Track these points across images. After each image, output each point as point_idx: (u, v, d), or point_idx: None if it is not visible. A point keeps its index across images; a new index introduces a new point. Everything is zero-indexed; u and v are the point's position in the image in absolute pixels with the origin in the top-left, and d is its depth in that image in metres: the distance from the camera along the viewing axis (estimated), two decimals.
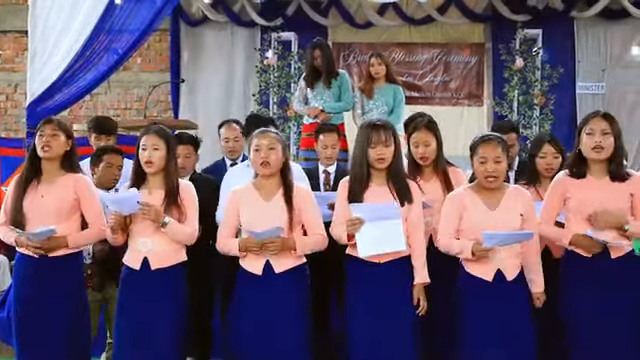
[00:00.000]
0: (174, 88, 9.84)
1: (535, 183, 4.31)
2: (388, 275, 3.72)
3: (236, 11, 9.71)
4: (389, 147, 3.74)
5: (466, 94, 9.68)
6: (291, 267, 3.77)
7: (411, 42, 9.75)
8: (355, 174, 3.81)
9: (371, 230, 3.66)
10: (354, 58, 9.75)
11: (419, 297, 3.75)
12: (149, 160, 3.81)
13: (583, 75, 9.40)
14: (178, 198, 3.84)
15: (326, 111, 6.32)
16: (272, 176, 3.83)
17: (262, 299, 3.72)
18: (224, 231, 3.89)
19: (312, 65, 6.42)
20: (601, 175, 3.74)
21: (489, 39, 9.63)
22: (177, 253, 3.88)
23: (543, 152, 4.34)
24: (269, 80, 9.16)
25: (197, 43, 9.96)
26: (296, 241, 3.76)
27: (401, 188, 3.76)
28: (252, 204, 3.80)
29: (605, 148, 3.67)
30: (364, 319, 3.69)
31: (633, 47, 9.34)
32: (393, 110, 6.30)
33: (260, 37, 9.63)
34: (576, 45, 9.43)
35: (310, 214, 3.84)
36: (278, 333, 3.68)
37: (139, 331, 3.76)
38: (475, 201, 3.71)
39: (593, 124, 3.71)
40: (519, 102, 8.87)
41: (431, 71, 9.72)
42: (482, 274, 3.67)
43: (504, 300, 3.62)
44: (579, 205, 3.75)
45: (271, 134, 3.87)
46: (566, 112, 9.24)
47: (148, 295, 3.79)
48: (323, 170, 4.94)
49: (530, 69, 8.89)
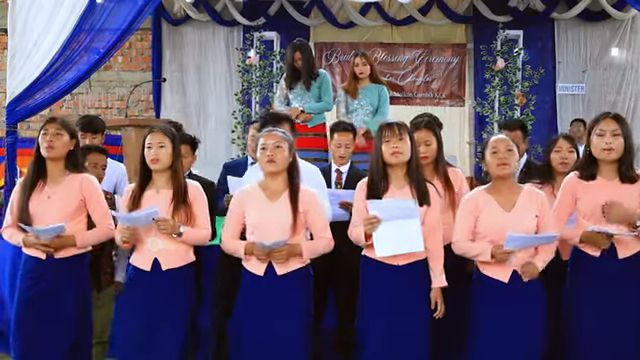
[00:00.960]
0: (156, 87, 9.81)
1: (549, 181, 4.31)
2: (405, 277, 3.69)
3: (218, 10, 9.69)
4: (403, 140, 3.70)
5: (448, 94, 9.72)
6: (294, 269, 3.73)
7: (393, 42, 9.78)
8: (373, 175, 3.77)
9: (388, 229, 3.62)
10: (336, 58, 9.76)
11: (437, 301, 3.73)
12: (155, 157, 3.78)
13: (563, 76, 9.49)
14: (187, 198, 3.81)
15: (306, 111, 6.31)
16: (278, 176, 3.78)
17: (263, 300, 3.68)
18: (229, 231, 3.85)
19: (292, 66, 6.40)
20: (611, 177, 3.74)
21: (471, 40, 9.69)
22: (187, 253, 3.85)
23: (558, 147, 4.34)
24: (251, 80, 9.16)
25: (179, 42, 9.94)
26: (302, 247, 3.72)
27: (420, 190, 3.72)
28: (257, 204, 3.76)
29: (615, 149, 3.67)
30: (381, 321, 3.66)
31: (612, 48, 9.43)
32: (378, 110, 6.30)
33: (242, 36, 9.63)
34: (556, 46, 9.52)
35: (316, 217, 3.79)
36: (278, 335, 3.64)
37: (148, 333, 3.71)
38: (490, 202, 3.70)
39: (604, 125, 3.71)
40: (500, 102, 8.94)
41: (413, 71, 9.75)
42: (498, 275, 3.66)
43: (519, 301, 3.61)
44: (589, 207, 3.75)
45: (278, 133, 3.83)
46: (547, 113, 9.33)
47: (160, 296, 3.75)
48: (336, 169, 4.90)
49: (511, 70, 8.95)
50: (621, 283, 3.68)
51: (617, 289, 3.67)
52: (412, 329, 3.65)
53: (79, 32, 6.67)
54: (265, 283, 3.70)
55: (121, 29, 6.75)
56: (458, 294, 3.81)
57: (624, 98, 9.34)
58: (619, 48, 9.41)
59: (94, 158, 4.55)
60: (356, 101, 6.33)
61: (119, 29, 6.75)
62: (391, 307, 3.66)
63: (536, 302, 3.65)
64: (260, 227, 3.71)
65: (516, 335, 3.58)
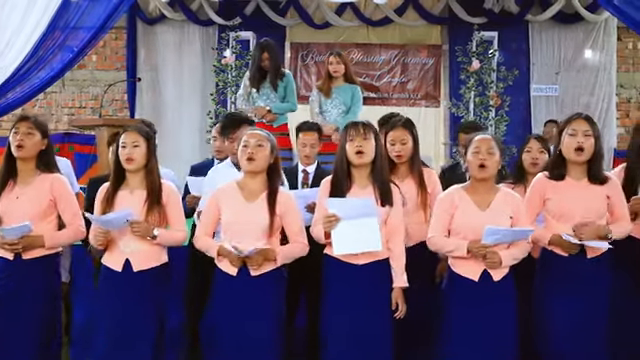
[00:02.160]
0: (130, 87, 9.74)
1: (522, 182, 4.33)
2: (366, 277, 3.69)
3: (193, 10, 9.64)
4: (368, 140, 3.70)
5: (423, 95, 9.75)
6: (267, 271, 3.71)
7: (369, 43, 9.80)
8: (337, 173, 3.78)
9: (347, 228, 3.62)
10: (312, 58, 9.75)
11: (397, 301, 3.73)
12: (129, 157, 3.74)
13: (537, 77, 9.57)
14: (161, 199, 3.78)
15: (273, 111, 6.30)
16: (257, 177, 3.76)
17: (236, 300, 3.67)
18: (203, 229, 3.82)
19: (259, 66, 6.38)
20: (580, 177, 3.78)
21: (446, 41, 9.73)
22: (160, 254, 3.82)
23: (529, 147, 4.39)
24: (227, 79, 9.13)
25: (154, 42, 9.86)
26: (277, 253, 3.70)
27: (383, 190, 3.73)
28: (233, 204, 3.73)
29: (586, 149, 3.71)
30: (341, 320, 3.66)
31: (586, 50, 9.52)
32: (350, 109, 6.31)
33: (218, 36, 9.59)
34: (531, 48, 9.59)
35: (293, 220, 3.77)
36: (250, 336, 3.63)
37: (120, 333, 3.69)
38: (466, 201, 3.71)
39: (575, 125, 3.75)
40: (475, 103, 9.00)
41: (389, 72, 9.77)
42: (469, 274, 3.67)
43: (490, 301, 3.63)
44: (558, 207, 3.78)
45: (262, 133, 3.82)
46: (521, 114, 9.40)
47: (130, 297, 3.72)
48: (302, 169, 4.90)
49: (486, 71, 9.01)
50: (590, 282, 3.72)
51: (586, 288, 3.71)
52: (373, 328, 3.66)
53: (53, 30, 6.62)
54: (238, 283, 3.68)
55: (95, 27, 6.71)
56: (426, 293, 3.83)
57: (597, 100, 9.43)
58: (592, 50, 9.50)
59: None
60: (329, 100, 6.35)
61: (93, 27, 6.71)
62: (352, 306, 3.66)
63: (507, 301, 3.67)
64: (235, 227, 3.70)
65: (488, 334, 3.60)
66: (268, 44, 6.46)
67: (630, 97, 9.76)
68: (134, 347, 3.68)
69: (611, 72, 9.48)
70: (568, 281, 3.72)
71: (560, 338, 3.68)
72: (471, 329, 3.61)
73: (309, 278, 4.32)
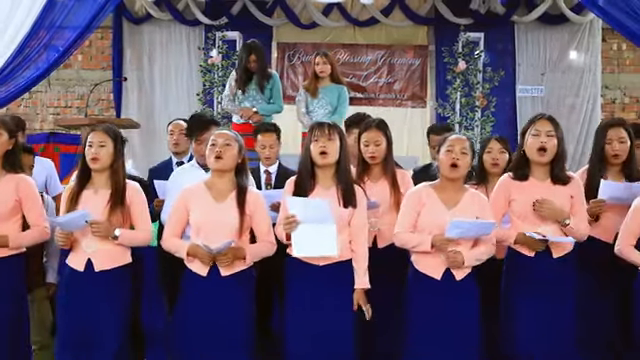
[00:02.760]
0: (116, 86, 9.70)
1: (484, 183, 4.38)
2: (328, 277, 3.69)
3: (180, 9, 9.62)
4: (332, 141, 3.71)
5: (409, 95, 9.77)
6: (237, 271, 3.72)
7: (355, 43, 9.81)
8: (301, 173, 3.79)
9: (306, 231, 3.63)
10: (299, 58, 9.75)
11: (359, 302, 3.74)
12: (95, 157, 3.73)
13: (523, 78, 9.61)
14: (125, 199, 3.77)
15: (259, 113, 6.30)
16: (225, 176, 3.76)
17: (206, 301, 3.67)
18: (171, 230, 3.81)
19: (246, 68, 6.38)
20: (543, 177, 3.82)
21: (432, 42, 9.75)
22: (122, 255, 3.81)
23: (489, 147, 4.42)
24: (213, 79, 9.11)
25: (140, 41, 9.83)
26: (246, 251, 3.71)
27: (347, 191, 3.74)
28: (202, 204, 3.73)
29: (549, 150, 3.74)
30: (302, 320, 3.67)
31: (571, 51, 9.57)
32: (336, 110, 6.32)
33: (204, 36, 9.56)
34: (516, 49, 9.63)
35: (261, 219, 3.79)
36: (221, 336, 3.64)
37: (83, 333, 3.68)
38: (433, 198, 3.73)
39: (539, 126, 3.79)
40: (461, 104, 9.03)
41: (375, 72, 9.79)
42: (431, 272, 3.69)
43: (452, 299, 3.65)
44: (522, 207, 3.81)
45: (229, 133, 3.83)
46: (507, 114, 9.43)
47: (92, 297, 3.71)
48: (264, 170, 4.92)
49: (472, 72, 9.04)
50: (556, 283, 3.76)
51: (552, 288, 3.74)
52: (335, 329, 3.65)
53: (38, 30, 6.59)
54: (208, 284, 3.69)
55: (81, 27, 6.69)
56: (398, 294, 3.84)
57: (582, 101, 9.48)
58: (577, 51, 9.55)
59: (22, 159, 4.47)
60: (316, 100, 6.36)
61: (79, 27, 6.68)
62: (313, 306, 3.67)
63: (469, 300, 3.70)
64: (205, 228, 3.69)
65: (450, 332, 3.62)
66: (255, 46, 6.46)
67: (615, 98, 9.83)
68: (98, 347, 3.67)
69: (596, 73, 9.53)
70: (534, 282, 3.75)
71: (527, 339, 3.71)
72: (433, 327, 3.63)
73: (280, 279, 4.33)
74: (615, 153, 4.14)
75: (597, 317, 4.05)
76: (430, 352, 3.62)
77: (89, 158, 3.75)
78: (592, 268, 4.03)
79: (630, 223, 3.83)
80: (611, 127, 4.19)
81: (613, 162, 4.16)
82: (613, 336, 4.07)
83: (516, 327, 3.76)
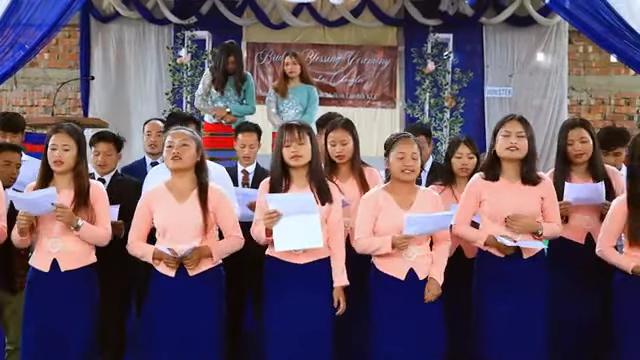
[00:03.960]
0: (84, 85, 9.60)
1: (451, 184, 4.41)
2: (307, 276, 3.70)
3: (149, 8, 9.55)
4: (304, 145, 3.71)
5: (379, 96, 9.80)
6: (205, 270, 3.71)
7: (325, 43, 9.81)
8: (273, 176, 3.78)
9: (288, 224, 3.62)
10: (268, 58, 9.73)
11: (339, 299, 3.74)
12: (59, 160, 3.69)
13: (492, 79, 9.69)
14: (89, 199, 3.73)
15: (232, 113, 6.29)
16: (185, 176, 3.74)
17: (175, 301, 3.65)
18: (135, 234, 3.78)
19: (224, 70, 6.35)
20: (514, 178, 3.84)
21: (402, 42, 9.79)
22: (87, 254, 3.77)
23: (459, 153, 4.44)
24: (182, 79, 9.06)
25: (108, 40, 9.74)
26: (212, 249, 3.69)
27: (321, 188, 3.74)
28: (165, 205, 3.71)
29: (520, 149, 3.78)
30: (282, 319, 3.67)
31: (538, 53, 9.67)
32: (306, 110, 6.33)
33: (173, 35, 9.51)
34: (485, 50, 9.71)
35: (226, 214, 3.77)
36: (191, 336, 3.62)
37: (50, 335, 3.64)
38: (389, 201, 3.75)
39: (509, 127, 3.82)
40: (430, 105, 9.08)
41: (345, 73, 9.80)
42: (395, 273, 3.70)
43: (416, 299, 3.67)
44: (492, 207, 3.84)
45: (185, 132, 3.79)
46: (475, 115, 9.51)
47: (58, 298, 3.67)
48: (242, 170, 4.90)
49: (441, 73, 9.10)
50: (526, 283, 3.78)
51: (522, 289, 3.77)
52: (314, 327, 3.66)
53: (4, 27, 6.51)
54: (177, 284, 3.67)
55: (48, 25, 6.61)
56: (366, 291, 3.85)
57: (549, 102, 9.59)
58: (544, 53, 9.66)
59: (7, 156, 4.41)
60: (286, 100, 6.36)
61: (45, 25, 6.61)
62: (293, 305, 3.66)
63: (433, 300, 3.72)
64: (170, 229, 3.67)
65: (414, 333, 3.64)
66: (234, 47, 6.47)
67: (581, 99, 9.95)
68: (65, 348, 3.64)
69: (563, 75, 9.64)
70: (504, 282, 3.77)
71: (497, 340, 3.73)
72: (398, 328, 3.64)
73: (254, 278, 4.32)
74: (577, 153, 4.17)
75: (568, 317, 4.08)
76: (396, 352, 3.63)
77: (52, 161, 3.71)
78: (563, 268, 4.07)
79: (609, 225, 3.85)
80: (572, 128, 4.21)
81: (577, 162, 4.20)
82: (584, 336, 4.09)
83: (486, 328, 3.78)
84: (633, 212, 3.73)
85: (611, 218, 3.84)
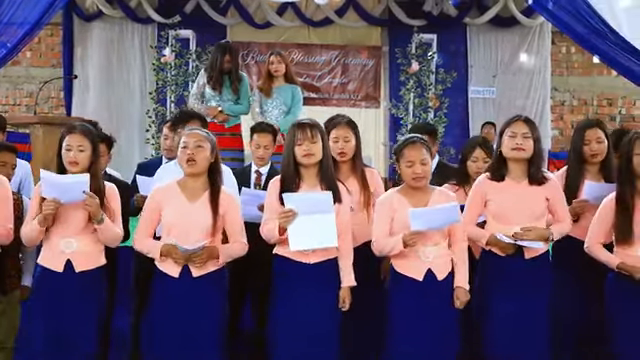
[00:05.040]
0: (67, 84, 9.55)
1: (465, 185, 4.39)
2: (317, 275, 3.68)
3: (132, 7, 9.52)
4: (316, 143, 3.69)
5: (363, 96, 9.82)
6: (209, 271, 3.68)
7: (310, 43, 9.82)
8: (285, 175, 3.76)
9: (304, 223, 3.59)
10: (253, 58, 9.72)
11: (345, 300, 3.72)
12: (74, 160, 3.64)
13: (475, 80, 9.74)
14: (104, 200, 3.69)
15: (225, 112, 6.29)
16: (199, 176, 3.71)
17: (178, 302, 3.62)
18: (143, 230, 3.75)
19: (220, 69, 6.34)
20: (520, 178, 3.85)
21: (386, 42, 9.82)
22: (100, 256, 3.74)
23: (475, 156, 4.43)
24: (166, 78, 9.02)
25: (91, 38, 9.69)
26: (220, 250, 3.68)
27: (332, 188, 3.72)
28: (175, 204, 3.67)
29: (525, 150, 3.79)
30: (292, 319, 3.65)
31: (521, 54, 9.73)
32: (290, 110, 6.32)
33: (157, 34, 9.47)
34: (469, 51, 9.77)
35: (234, 219, 3.74)
36: (193, 337, 3.60)
37: (60, 335, 3.59)
38: (403, 203, 3.73)
39: (515, 127, 3.82)
40: (414, 105, 9.10)
41: (329, 72, 9.81)
42: (413, 274, 3.69)
43: (434, 299, 3.66)
44: (498, 208, 3.84)
45: (200, 133, 3.75)
46: (459, 115, 9.55)
47: (71, 298, 3.62)
48: (255, 170, 4.86)
49: (425, 73, 9.12)
50: (529, 283, 3.78)
51: (525, 289, 3.76)
52: (322, 327, 3.65)
53: None
54: (180, 285, 3.64)
55: (30, 23, 6.57)
56: (370, 293, 3.85)
57: (532, 102, 9.65)
58: (527, 54, 9.72)
59: (3, 157, 4.38)
60: (270, 100, 6.35)
61: (28, 23, 6.56)
62: (302, 305, 3.65)
63: (450, 300, 3.72)
64: (178, 228, 3.64)
65: (431, 333, 3.63)
66: (230, 46, 6.45)
67: (564, 100, 10.03)
68: (74, 349, 3.60)
69: (545, 75, 9.71)
70: (507, 282, 3.78)
71: (499, 340, 3.74)
72: (416, 328, 3.64)
73: (255, 279, 4.31)
74: (593, 153, 4.19)
75: (572, 316, 4.09)
76: (413, 353, 3.63)
77: (67, 162, 3.66)
78: (569, 267, 4.08)
79: (598, 221, 3.87)
80: (589, 128, 4.22)
81: (592, 162, 4.21)
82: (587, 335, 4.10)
83: (489, 327, 3.78)
84: (619, 211, 3.76)
85: (600, 216, 3.86)
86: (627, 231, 3.72)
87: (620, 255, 3.76)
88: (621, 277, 3.74)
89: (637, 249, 3.72)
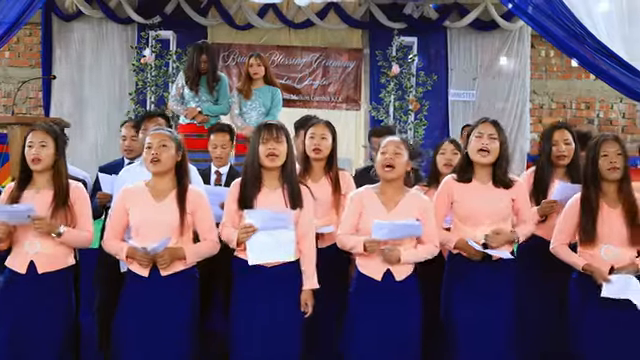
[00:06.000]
0: (45, 85, 9.47)
1: (435, 184, 4.41)
2: (276, 279, 3.69)
3: (112, 7, 9.46)
4: (281, 144, 3.70)
5: (344, 98, 9.82)
6: (178, 271, 3.68)
7: (291, 45, 9.81)
8: (247, 174, 3.76)
9: (263, 238, 3.63)
10: (233, 59, 9.69)
11: (307, 302, 3.74)
12: (36, 157, 3.64)
13: (455, 83, 9.77)
14: (68, 199, 3.67)
15: (204, 113, 6.28)
16: (165, 176, 3.71)
17: (148, 302, 3.61)
18: (111, 231, 3.75)
19: (197, 69, 6.33)
20: (485, 180, 3.89)
21: (367, 45, 9.83)
22: (66, 256, 3.73)
23: (443, 149, 4.50)
24: (146, 79, 8.98)
25: (70, 39, 9.62)
26: (186, 251, 3.66)
27: (293, 192, 3.73)
28: (143, 204, 3.67)
29: (491, 152, 3.82)
30: (251, 321, 3.65)
31: (501, 57, 9.78)
32: (270, 112, 6.32)
33: (137, 35, 9.42)
34: (449, 54, 9.79)
35: (203, 218, 3.74)
36: (162, 337, 3.59)
37: (23, 338, 3.58)
38: (374, 200, 3.77)
39: (482, 128, 3.87)
40: (395, 107, 9.12)
41: (310, 74, 9.80)
42: (372, 273, 3.72)
43: (392, 300, 3.68)
44: (463, 209, 3.88)
45: (165, 132, 3.76)
46: (439, 118, 9.58)
47: (34, 300, 3.61)
48: (215, 171, 4.87)
49: (405, 75, 9.15)
50: (494, 284, 3.82)
51: (490, 290, 3.81)
52: (283, 330, 3.66)
53: None
54: (150, 284, 3.63)
55: (8, 23, 6.50)
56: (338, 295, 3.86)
57: (511, 106, 9.69)
58: (507, 57, 9.76)
59: None
60: (249, 102, 6.35)
61: (6, 23, 6.50)
62: (262, 307, 3.66)
63: (410, 300, 3.74)
64: (145, 228, 3.64)
65: (391, 333, 3.66)
66: (207, 46, 6.45)
67: (543, 103, 10.09)
68: (38, 350, 3.58)
69: (525, 79, 9.76)
70: (473, 284, 3.82)
71: (464, 342, 3.77)
72: (374, 328, 3.66)
73: (223, 279, 4.29)
74: (561, 154, 4.26)
75: (538, 317, 4.13)
76: (371, 353, 3.64)
77: (30, 159, 3.65)
78: (536, 266, 4.12)
79: (563, 222, 3.92)
80: (557, 130, 4.33)
81: (559, 163, 4.28)
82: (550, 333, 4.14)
83: (453, 329, 3.81)
84: (584, 212, 3.80)
85: (565, 217, 3.91)
86: (591, 232, 3.77)
87: (584, 256, 3.81)
88: (585, 278, 3.79)
89: (601, 250, 3.77)
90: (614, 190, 3.82)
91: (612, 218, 3.77)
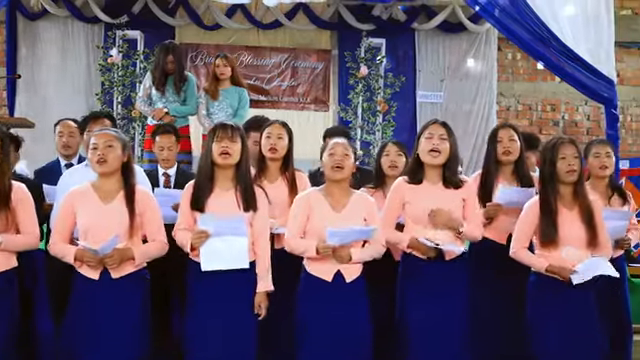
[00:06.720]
0: (9, 84, 9.33)
1: (381, 186, 4.44)
2: (231, 281, 3.68)
3: (78, 6, 9.35)
4: (235, 143, 3.69)
5: (312, 99, 9.82)
6: (129, 273, 3.65)
7: (259, 46, 9.78)
8: (200, 175, 3.75)
9: (216, 243, 3.62)
10: (201, 59, 9.63)
11: (261, 304, 3.73)
12: None
13: (423, 84, 9.82)
14: (10, 202, 3.60)
15: (171, 114, 6.24)
16: (112, 177, 3.67)
17: (98, 305, 3.58)
18: (58, 234, 3.70)
19: (163, 69, 6.29)
20: (436, 181, 3.92)
21: (335, 46, 9.84)
22: (8, 259, 3.65)
23: (387, 151, 4.51)
24: (113, 79, 8.88)
25: (36, 38, 9.49)
26: (135, 251, 3.63)
27: (247, 194, 3.72)
28: (90, 206, 3.63)
29: (442, 152, 3.86)
30: (205, 323, 3.64)
31: (468, 59, 9.85)
32: (237, 112, 6.31)
33: (104, 34, 9.32)
34: (417, 56, 9.83)
35: (152, 219, 3.72)
36: (113, 339, 3.56)
37: None
38: (322, 202, 3.78)
39: (432, 129, 3.91)
40: (363, 108, 9.13)
41: (279, 75, 9.78)
42: (322, 274, 3.74)
43: (342, 301, 3.70)
44: (415, 210, 3.91)
45: (110, 132, 3.73)
46: (407, 119, 9.61)
47: None
48: (163, 173, 4.82)
49: (374, 77, 9.17)
50: (447, 284, 3.87)
51: (444, 290, 3.85)
52: (237, 332, 3.66)
53: None
54: (99, 287, 3.60)
55: None
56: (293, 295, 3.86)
57: (478, 107, 9.76)
58: (474, 59, 9.84)
59: None
60: (216, 102, 6.34)
61: None
62: (215, 309, 3.65)
63: (358, 301, 3.77)
64: (93, 230, 3.60)
65: (343, 334, 3.68)
66: (174, 47, 6.42)
67: (509, 105, 10.18)
68: None
69: (492, 81, 9.84)
70: (427, 284, 3.86)
71: (418, 342, 3.80)
72: (326, 329, 3.68)
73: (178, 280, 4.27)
74: (506, 149, 4.30)
75: (492, 316, 4.17)
76: (325, 354, 3.65)
77: None
78: (484, 268, 4.16)
79: (522, 226, 3.96)
80: (501, 128, 4.39)
81: (505, 161, 4.32)
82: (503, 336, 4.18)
83: (407, 329, 3.84)
84: (543, 214, 3.84)
85: (523, 220, 3.96)
86: (552, 234, 3.82)
87: (545, 257, 3.85)
88: (543, 279, 3.83)
89: (562, 251, 3.82)
90: (570, 192, 3.88)
91: (570, 220, 3.83)
